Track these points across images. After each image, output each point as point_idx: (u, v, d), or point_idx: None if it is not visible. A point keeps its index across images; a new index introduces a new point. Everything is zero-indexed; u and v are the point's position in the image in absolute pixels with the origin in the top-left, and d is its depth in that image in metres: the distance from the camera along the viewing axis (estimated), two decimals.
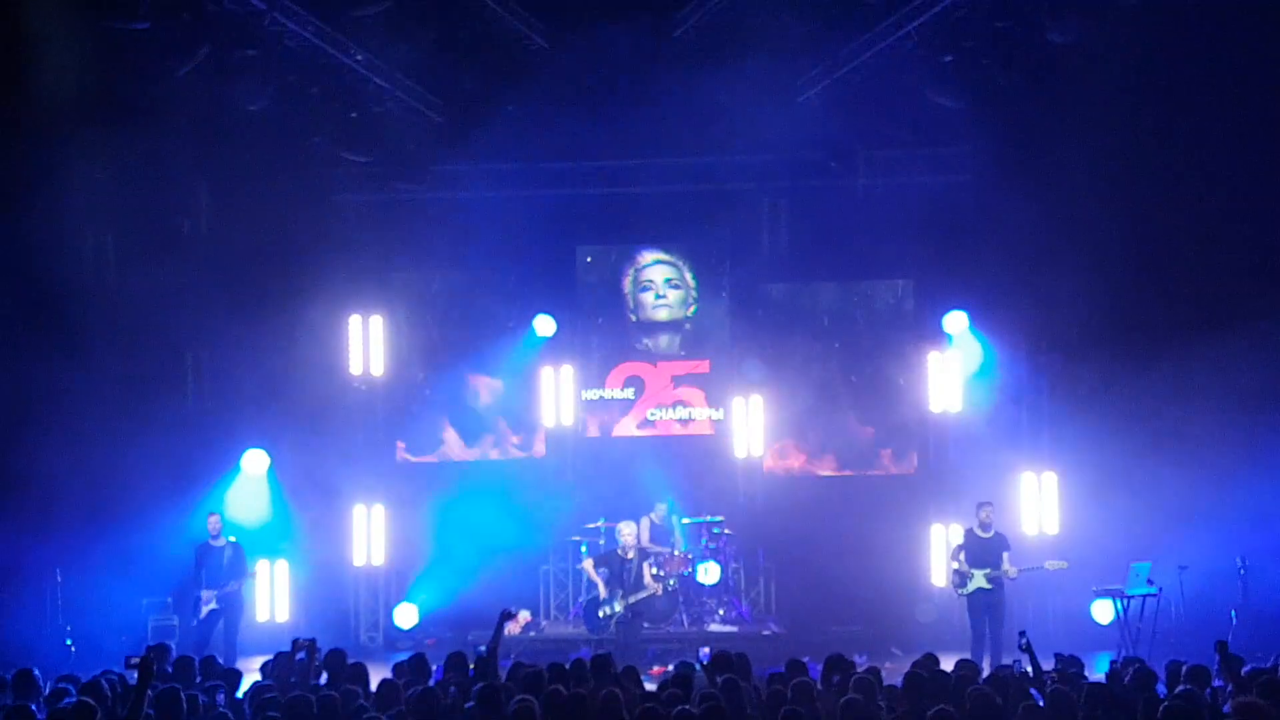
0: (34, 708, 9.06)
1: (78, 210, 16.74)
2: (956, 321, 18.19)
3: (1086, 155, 16.61)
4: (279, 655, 11.49)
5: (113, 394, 17.62)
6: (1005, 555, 15.47)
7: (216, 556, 15.90)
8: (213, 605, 15.74)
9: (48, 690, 10.11)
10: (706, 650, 11.56)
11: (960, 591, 15.66)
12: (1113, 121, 16.26)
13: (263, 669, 11.68)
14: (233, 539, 16.14)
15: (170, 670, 10.98)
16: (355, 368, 18.75)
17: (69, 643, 16.70)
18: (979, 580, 15.41)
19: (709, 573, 17.90)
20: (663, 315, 19.69)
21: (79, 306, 17.28)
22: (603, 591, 16.24)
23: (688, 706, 9.13)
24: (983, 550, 15.52)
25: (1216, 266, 16.81)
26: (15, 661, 11.87)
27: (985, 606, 15.41)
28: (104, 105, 15.46)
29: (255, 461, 17.89)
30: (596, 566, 16.58)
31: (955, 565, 15.74)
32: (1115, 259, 16.99)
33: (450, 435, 19.47)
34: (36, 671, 10.24)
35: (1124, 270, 17.11)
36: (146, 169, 16.83)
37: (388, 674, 10.93)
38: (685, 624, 17.57)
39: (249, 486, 17.89)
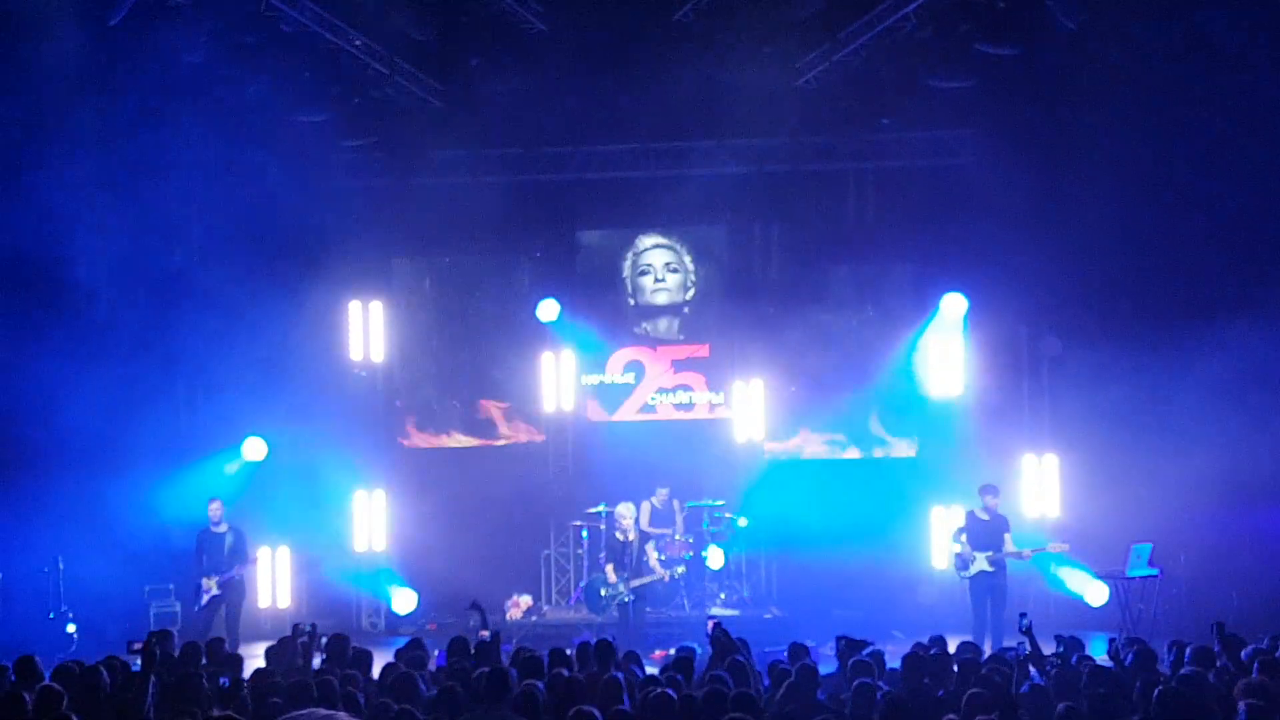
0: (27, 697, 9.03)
1: (71, 197, 16.72)
2: (956, 302, 18.07)
3: (1088, 136, 16.59)
4: (281, 640, 11.52)
5: (112, 381, 17.62)
6: (1007, 536, 15.49)
7: (218, 542, 15.91)
8: (214, 591, 15.76)
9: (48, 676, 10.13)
10: (712, 623, 11.56)
11: (962, 574, 15.67)
12: (1115, 102, 16.25)
13: (267, 655, 11.68)
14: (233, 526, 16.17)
15: (176, 656, 10.99)
16: (355, 353, 18.73)
17: (71, 629, 16.72)
18: (981, 563, 15.42)
19: (715, 557, 17.93)
20: (661, 299, 19.69)
21: (76, 294, 17.28)
22: (611, 578, 16.20)
23: (689, 691, 9.14)
24: (984, 532, 15.53)
25: (1220, 249, 16.78)
26: (17, 648, 11.88)
27: (987, 589, 15.43)
28: (100, 90, 15.45)
29: (254, 448, 17.86)
30: (606, 558, 16.59)
31: (957, 548, 15.76)
32: (1117, 241, 16.99)
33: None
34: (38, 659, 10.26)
35: (1126, 252, 17.11)
36: (143, 154, 16.82)
37: (390, 659, 10.95)
38: (687, 608, 17.60)
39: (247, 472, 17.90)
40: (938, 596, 17.69)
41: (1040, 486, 17.85)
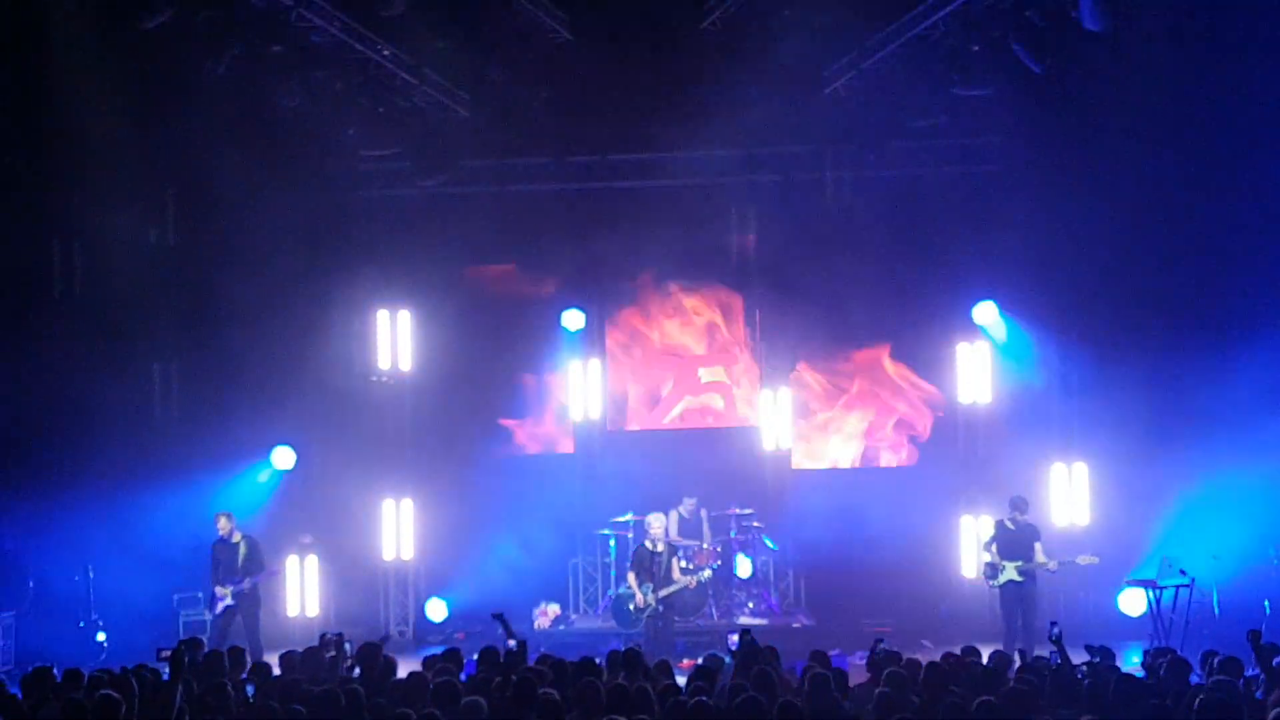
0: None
1: (101, 209, 16.84)
2: (986, 311, 18.04)
3: (1116, 144, 16.50)
4: (308, 650, 11.53)
5: (142, 390, 17.74)
6: (1037, 545, 15.39)
7: (232, 553, 15.92)
8: (228, 601, 15.78)
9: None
10: (735, 638, 11.52)
11: (992, 584, 15.60)
12: (1143, 109, 16.14)
13: (281, 662, 11.67)
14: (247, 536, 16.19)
15: (200, 664, 11.01)
16: (383, 363, 18.76)
17: (101, 637, 16.80)
18: (1010, 572, 15.33)
19: (742, 565, 17.88)
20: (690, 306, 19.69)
21: (105, 306, 17.37)
22: (640, 600, 16.11)
23: (707, 698, 9.10)
24: (1014, 541, 15.43)
25: (1251, 257, 16.67)
26: (48, 656, 11.94)
27: (1017, 598, 15.33)
28: (133, 102, 15.54)
29: (283, 457, 17.93)
30: (634, 572, 16.48)
31: (986, 557, 15.67)
32: (1147, 249, 16.90)
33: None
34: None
35: (1155, 260, 17.02)
36: (170, 163, 16.92)
37: (417, 668, 10.94)
38: (715, 617, 17.56)
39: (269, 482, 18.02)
40: (968, 606, 17.62)
41: (1069, 495, 17.75)
